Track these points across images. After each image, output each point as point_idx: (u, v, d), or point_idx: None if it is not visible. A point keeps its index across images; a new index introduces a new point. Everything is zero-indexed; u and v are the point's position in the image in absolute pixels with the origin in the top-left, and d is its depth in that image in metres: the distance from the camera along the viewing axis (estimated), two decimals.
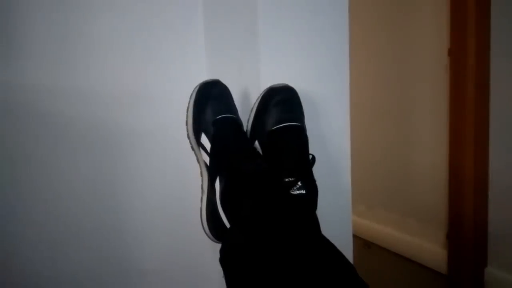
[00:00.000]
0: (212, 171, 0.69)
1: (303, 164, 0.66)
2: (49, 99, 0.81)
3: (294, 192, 0.63)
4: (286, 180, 0.64)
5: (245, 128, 0.73)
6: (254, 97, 0.74)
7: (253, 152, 0.71)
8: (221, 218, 0.70)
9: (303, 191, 0.63)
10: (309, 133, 0.71)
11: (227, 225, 0.66)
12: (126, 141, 0.87)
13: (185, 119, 0.73)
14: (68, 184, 0.83)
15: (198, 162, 0.74)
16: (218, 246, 0.61)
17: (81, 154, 0.83)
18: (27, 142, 0.80)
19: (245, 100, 0.81)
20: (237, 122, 0.71)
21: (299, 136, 0.69)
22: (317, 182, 0.67)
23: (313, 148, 0.70)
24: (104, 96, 0.84)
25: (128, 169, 0.87)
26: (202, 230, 0.73)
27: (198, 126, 0.71)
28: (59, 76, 0.81)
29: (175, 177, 0.88)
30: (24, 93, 0.79)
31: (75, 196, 0.84)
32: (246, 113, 0.74)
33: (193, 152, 0.74)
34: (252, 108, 0.73)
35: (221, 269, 0.57)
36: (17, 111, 0.79)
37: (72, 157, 0.83)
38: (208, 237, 0.73)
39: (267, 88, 0.72)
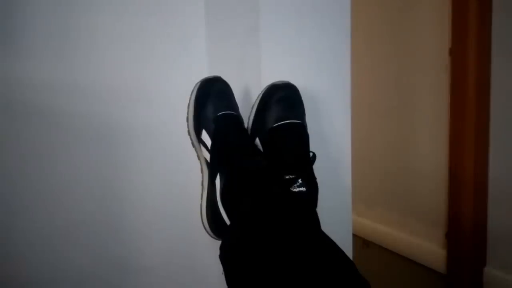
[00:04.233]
0: (213, 167, 0.69)
1: (303, 161, 0.66)
2: (50, 97, 0.80)
3: (294, 189, 0.63)
4: (287, 177, 0.64)
5: (246, 125, 0.73)
6: (255, 94, 0.74)
7: (254, 149, 0.71)
8: (221, 215, 0.70)
9: (303, 189, 0.63)
10: (309, 131, 0.71)
11: (227, 222, 0.66)
12: (126, 137, 0.86)
13: (186, 115, 0.73)
14: (67, 181, 0.83)
15: (199, 158, 0.74)
16: (218, 243, 0.61)
17: (81, 151, 0.83)
18: (27, 140, 0.80)
19: (246, 97, 0.80)
20: (238, 119, 0.71)
21: (300, 134, 0.69)
22: (318, 180, 0.67)
23: (314, 146, 0.70)
24: (104, 93, 0.84)
25: (128, 166, 0.87)
26: (202, 227, 0.73)
27: (199, 122, 0.71)
28: (59, 73, 0.81)
29: (175, 173, 0.88)
30: (25, 90, 0.79)
31: (75, 193, 0.83)
32: (247, 110, 0.74)
33: (193, 148, 0.74)
34: (253, 105, 0.73)
35: (221, 265, 0.57)
36: (17, 108, 0.79)
37: (72, 154, 0.83)
38: (208, 234, 0.73)
39: (268, 85, 0.72)
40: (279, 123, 0.68)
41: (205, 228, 0.73)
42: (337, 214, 0.86)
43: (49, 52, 0.80)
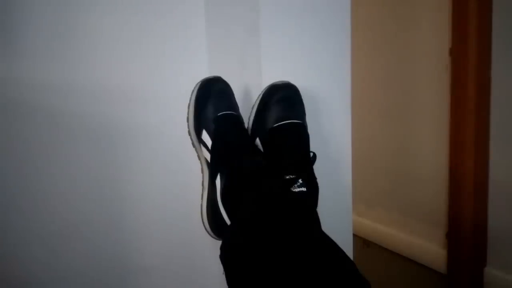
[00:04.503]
0: (213, 167, 0.69)
1: (304, 161, 0.66)
2: (49, 97, 0.80)
3: (294, 190, 0.63)
4: (287, 177, 0.64)
5: (246, 125, 0.73)
6: (256, 94, 0.74)
7: (254, 149, 0.71)
8: (222, 215, 0.70)
9: (303, 189, 0.63)
10: (310, 131, 0.71)
11: (228, 222, 0.66)
12: (125, 137, 0.86)
13: (186, 115, 0.73)
14: (66, 181, 0.83)
15: (199, 158, 0.74)
16: (219, 243, 0.61)
17: (80, 151, 0.83)
18: (26, 140, 0.80)
19: (247, 97, 0.81)
20: (239, 119, 0.71)
21: (300, 134, 0.69)
22: (318, 181, 0.67)
23: (314, 146, 0.70)
24: (103, 93, 0.84)
25: (127, 166, 0.87)
26: (202, 227, 0.73)
27: (199, 122, 0.71)
28: (58, 73, 0.81)
29: (176, 173, 0.88)
30: (24, 90, 0.79)
31: (74, 193, 0.84)
32: (247, 110, 0.74)
33: (194, 148, 0.74)
34: (254, 105, 0.73)
35: (221, 266, 0.57)
36: (16, 108, 0.79)
37: (72, 154, 0.83)
38: (209, 234, 0.73)
39: (268, 85, 0.72)
40: (279, 123, 0.68)
41: (205, 228, 0.73)
42: (338, 214, 0.86)
43: (48, 52, 0.80)
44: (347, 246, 0.85)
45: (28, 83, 0.79)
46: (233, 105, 0.73)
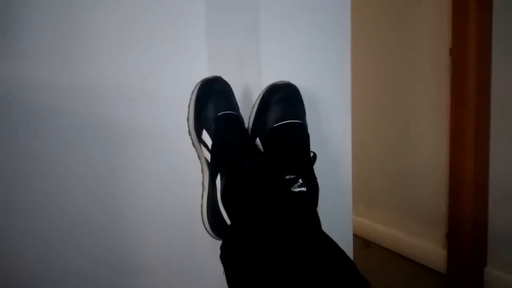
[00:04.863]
0: (213, 167, 0.69)
1: (304, 161, 0.66)
2: (49, 97, 0.80)
3: (294, 190, 0.63)
4: (287, 177, 0.64)
5: (246, 125, 0.73)
6: (256, 94, 0.74)
7: (254, 149, 0.71)
8: (222, 215, 0.70)
9: (303, 189, 0.63)
10: (310, 131, 0.71)
11: (228, 222, 0.66)
12: (125, 138, 0.86)
13: (186, 115, 0.73)
14: (66, 181, 0.83)
15: (199, 158, 0.74)
16: (219, 242, 0.61)
17: (80, 151, 0.83)
18: (25, 140, 0.80)
19: (247, 97, 0.80)
20: (239, 119, 0.71)
21: (300, 134, 0.68)
22: (318, 180, 0.67)
23: (314, 146, 0.70)
24: (103, 93, 0.84)
25: (127, 166, 0.87)
26: (203, 227, 0.73)
27: (200, 122, 0.71)
28: (58, 73, 0.81)
29: (176, 173, 0.88)
30: (24, 90, 0.79)
31: (73, 193, 0.84)
32: (247, 110, 0.74)
33: (194, 148, 0.74)
34: (254, 105, 0.73)
35: (221, 265, 0.57)
36: (16, 108, 0.79)
37: (71, 154, 0.83)
38: (209, 233, 0.73)
39: (268, 85, 0.72)
40: (279, 123, 0.68)
41: (205, 228, 0.73)
42: (338, 214, 0.86)
43: (49, 52, 0.80)
44: (347, 246, 0.85)
45: (30, 83, 0.79)
46: (233, 105, 0.73)
